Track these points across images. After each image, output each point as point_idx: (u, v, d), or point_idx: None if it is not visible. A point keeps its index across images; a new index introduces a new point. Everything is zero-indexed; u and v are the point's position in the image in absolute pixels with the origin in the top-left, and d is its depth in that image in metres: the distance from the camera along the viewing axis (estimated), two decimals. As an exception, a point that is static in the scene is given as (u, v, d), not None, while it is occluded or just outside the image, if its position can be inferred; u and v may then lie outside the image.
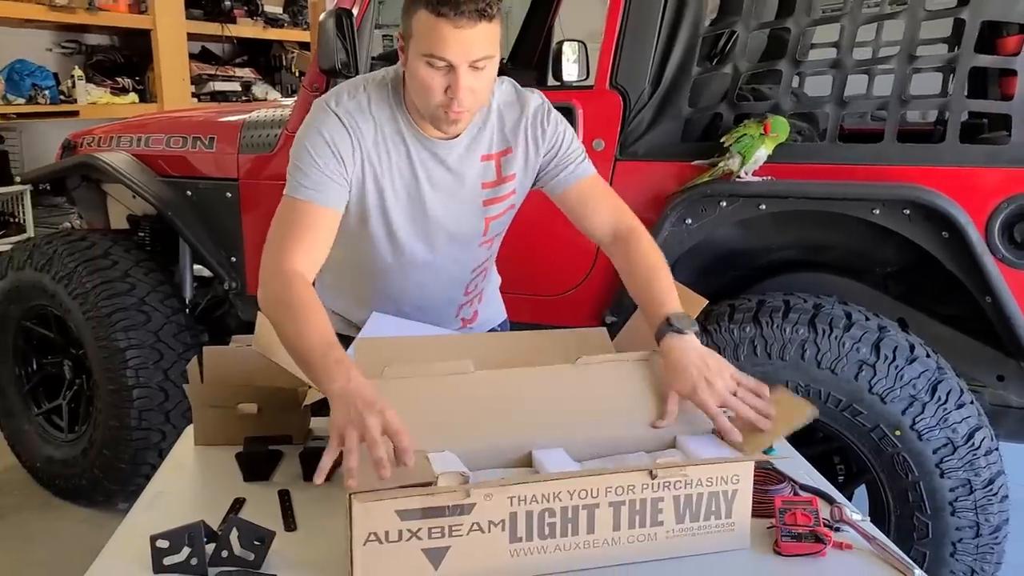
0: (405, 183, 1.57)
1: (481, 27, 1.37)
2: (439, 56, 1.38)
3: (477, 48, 1.39)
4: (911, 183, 2.02)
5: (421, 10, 1.38)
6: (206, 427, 1.65)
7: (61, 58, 5.54)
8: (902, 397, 1.97)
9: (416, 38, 1.41)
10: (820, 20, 2.16)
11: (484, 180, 1.61)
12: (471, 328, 1.90)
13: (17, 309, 3.11)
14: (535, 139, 1.62)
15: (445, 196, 1.60)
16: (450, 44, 1.37)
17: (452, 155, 1.58)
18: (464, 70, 1.39)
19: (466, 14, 1.35)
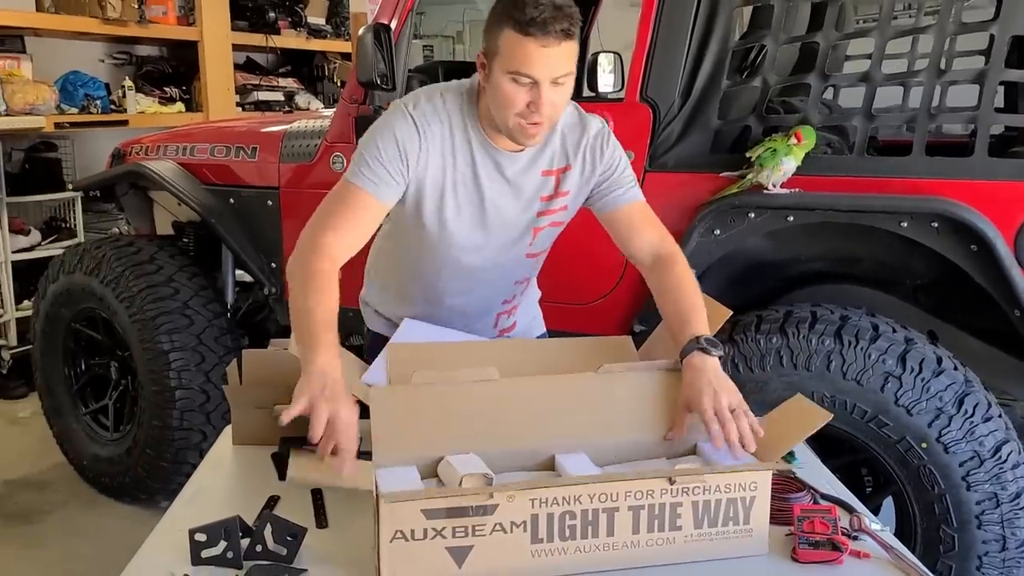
0: (466, 187, 1.64)
1: (564, 46, 1.45)
2: (525, 73, 1.46)
3: (560, 65, 1.46)
4: (939, 196, 2.03)
5: (508, 29, 1.45)
6: (243, 427, 1.71)
7: (112, 69, 5.70)
8: (928, 409, 1.97)
9: (502, 56, 1.47)
10: (849, 34, 2.17)
11: (542, 194, 1.68)
12: (508, 334, 1.93)
13: (68, 311, 3.22)
14: (593, 161, 1.68)
15: (501, 204, 1.67)
16: (536, 62, 1.44)
17: (514, 167, 1.64)
18: (547, 86, 1.47)
19: (552, 34, 1.43)
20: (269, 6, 6.25)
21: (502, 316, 1.89)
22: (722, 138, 2.37)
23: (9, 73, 4.53)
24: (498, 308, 1.86)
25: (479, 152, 1.62)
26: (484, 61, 1.53)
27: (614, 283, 2.46)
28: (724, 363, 2.11)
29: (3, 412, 4.19)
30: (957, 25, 2.13)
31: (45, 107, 4.54)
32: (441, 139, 1.59)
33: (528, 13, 1.42)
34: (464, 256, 1.72)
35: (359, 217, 1.57)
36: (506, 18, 1.45)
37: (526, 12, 1.42)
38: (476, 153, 1.62)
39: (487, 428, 1.43)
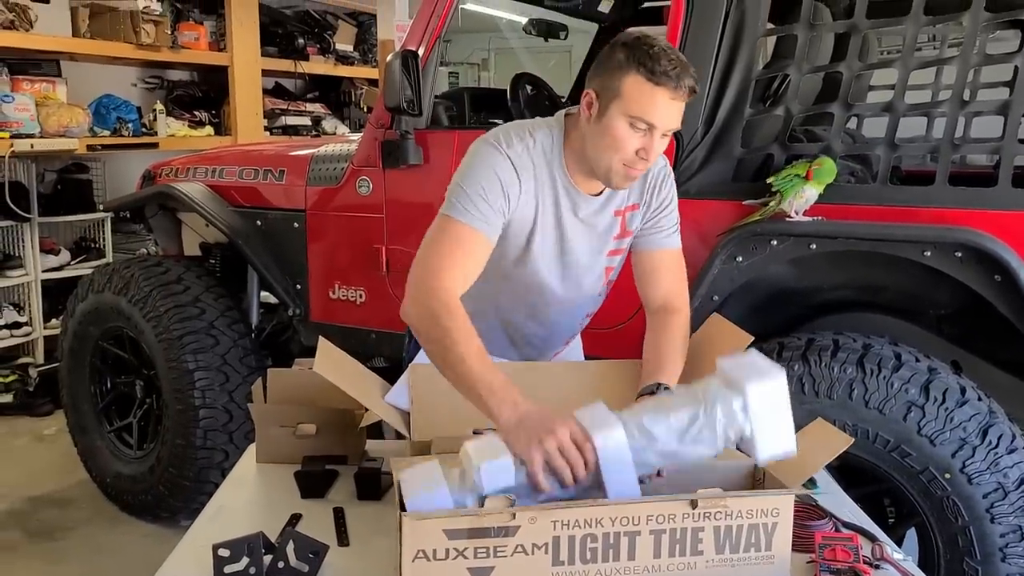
0: (550, 227, 1.66)
1: (683, 102, 1.50)
2: (648, 121, 1.49)
3: (677, 119, 1.51)
4: (963, 226, 2.03)
5: (635, 74, 1.47)
6: (268, 445, 1.73)
7: (144, 92, 5.82)
8: (952, 440, 1.96)
9: (624, 99, 1.49)
10: (872, 65, 2.18)
11: (613, 234, 1.72)
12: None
13: (96, 330, 3.27)
14: (651, 196, 1.73)
15: (577, 244, 1.70)
16: (661, 111, 1.48)
17: (588, 208, 1.67)
18: (659, 137, 1.51)
19: (682, 88, 1.47)
20: (298, 33, 6.38)
21: (562, 346, 1.94)
22: (745, 166, 2.38)
23: (45, 96, 4.64)
24: (565, 337, 1.91)
25: (562, 193, 1.64)
26: (594, 101, 1.54)
27: (634, 310, 2.46)
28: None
29: (29, 429, 4.24)
30: (981, 57, 2.14)
31: (79, 130, 4.64)
32: (535, 182, 1.61)
33: (663, 65, 1.45)
34: (542, 294, 1.75)
35: (471, 256, 1.54)
36: (636, 64, 1.47)
37: (661, 63, 1.46)
38: (560, 194, 1.64)
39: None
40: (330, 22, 6.76)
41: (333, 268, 2.98)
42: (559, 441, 1.26)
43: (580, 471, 1.26)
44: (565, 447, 1.26)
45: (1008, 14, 2.10)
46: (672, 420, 1.28)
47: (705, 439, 1.27)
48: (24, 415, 4.37)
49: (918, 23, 2.10)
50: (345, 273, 2.95)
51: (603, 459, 1.27)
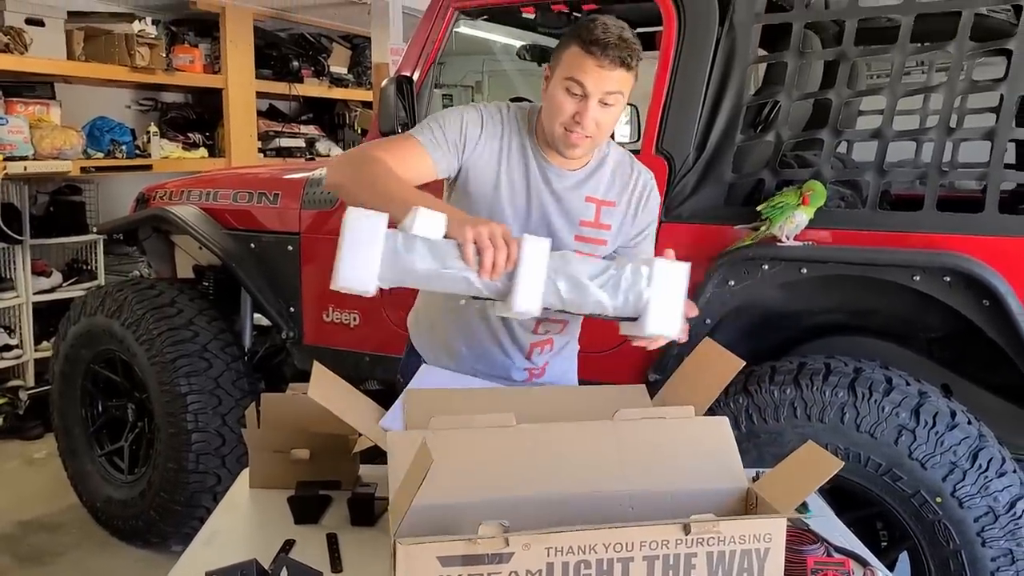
0: (515, 190, 1.74)
1: (619, 72, 1.59)
2: (578, 80, 1.60)
3: (610, 84, 1.60)
4: (951, 251, 2.05)
5: (574, 45, 1.61)
6: (261, 470, 1.73)
7: (138, 114, 5.83)
8: (942, 464, 1.97)
9: (562, 66, 1.63)
10: (861, 92, 2.21)
11: (583, 218, 1.77)
12: (537, 380, 1.94)
13: (88, 353, 3.26)
14: (637, 208, 1.80)
15: (546, 214, 1.76)
16: (590, 76, 1.59)
17: (562, 184, 1.75)
18: (594, 103, 1.61)
19: (611, 58, 1.58)
20: (293, 56, 6.41)
21: (534, 349, 1.91)
22: (736, 191, 2.41)
23: (39, 119, 4.64)
24: (530, 337, 1.88)
25: (532, 163, 1.74)
26: (547, 75, 1.67)
27: (629, 332, 2.47)
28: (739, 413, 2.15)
29: (19, 452, 4.21)
30: (967, 84, 2.17)
31: (72, 152, 4.64)
32: (500, 138, 1.73)
33: (595, 34, 1.58)
34: None
35: (408, 159, 1.65)
36: (575, 37, 1.61)
37: (594, 33, 1.58)
38: (530, 163, 1.74)
39: (503, 474, 1.44)
40: (325, 45, 6.80)
41: (327, 291, 2.95)
42: (492, 231, 1.40)
43: (501, 260, 1.39)
44: (496, 235, 1.39)
45: (993, 43, 2.14)
46: (589, 264, 1.48)
47: (608, 289, 1.45)
48: (14, 438, 4.34)
49: (905, 51, 2.14)
50: (339, 296, 2.91)
51: (523, 260, 1.41)
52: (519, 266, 1.41)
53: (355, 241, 1.37)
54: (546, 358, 1.94)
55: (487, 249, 1.39)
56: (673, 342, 2.31)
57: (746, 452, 1.56)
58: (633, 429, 1.51)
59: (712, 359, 1.75)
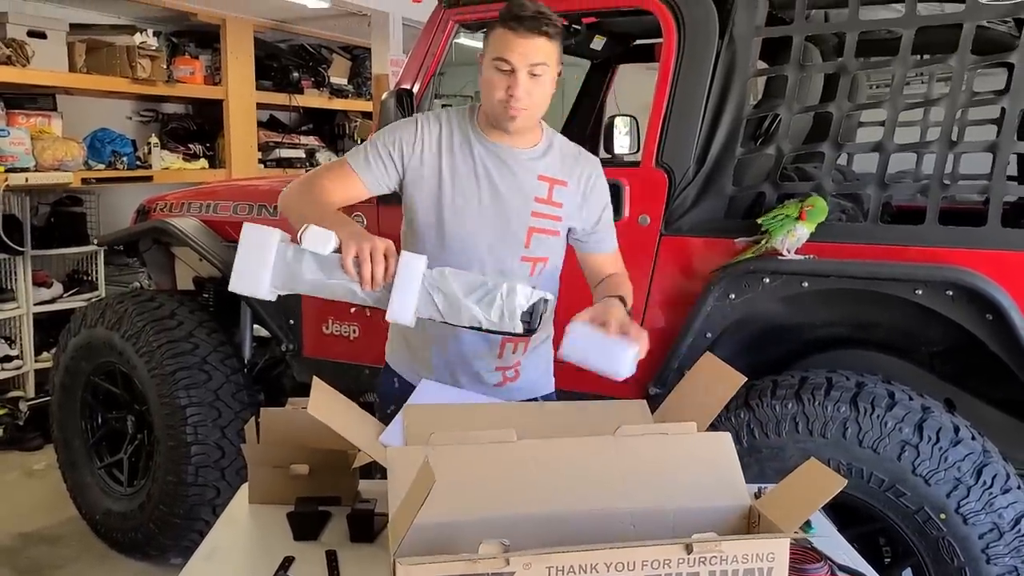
0: (464, 176, 1.85)
1: (539, 41, 1.72)
2: (504, 58, 1.73)
3: (533, 55, 1.73)
4: (954, 265, 2.04)
5: (497, 27, 1.76)
6: (260, 486, 1.72)
7: (139, 126, 5.84)
8: (946, 480, 1.96)
9: (490, 48, 1.77)
10: (862, 105, 2.20)
11: (537, 195, 1.87)
12: (512, 386, 1.96)
13: (87, 365, 3.26)
14: (585, 190, 1.91)
15: (499, 192, 1.85)
16: (513, 50, 1.72)
17: (514, 160, 1.86)
18: (523, 74, 1.73)
19: (529, 28, 1.72)
20: (293, 67, 6.42)
21: (508, 345, 1.92)
22: (737, 204, 2.40)
23: (40, 130, 4.65)
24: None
25: (478, 147, 1.85)
26: (481, 60, 1.80)
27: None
28: (740, 428, 2.14)
29: (19, 464, 4.20)
30: (968, 96, 2.17)
31: (73, 163, 4.64)
32: (440, 135, 1.85)
33: (513, 12, 1.73)
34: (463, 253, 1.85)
35: (339, 181, 1.83)
36: (498, 21, 1.76)
37: (512, 11, 1.73)
38: (475, 148, 1.85)
39: (504, 491, 1.43)
40: (325, 56, 6.81)
41: (327, 303, 2.97)
42: (374, 246, 1.53)
43: (379, 273, 1.53)
44: (376, 251, 1.53)
45: (995, 56, 2.13)
46: (466, 281, 1.59)
47: (482, 306, 1.57)
48: (14, 450, 4.33)
49: (906, 64, 2.14)
50: (339, 308, 2.94)
51: (399, 273, 1.55)
52: (395, 279, 1.55)
53: (248, 250, 1.55)
54: (518, 358, 1.96)
55: (366, 263, 1.52)
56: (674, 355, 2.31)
57: (747, 467, 1.55)
58: (635, 445, 1.50)
59: (713, 374, 1.75)
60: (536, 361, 2.00)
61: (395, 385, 2.01)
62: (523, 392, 1.98)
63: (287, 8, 5.49)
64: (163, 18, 5.61)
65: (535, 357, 2.00)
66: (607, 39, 3.42)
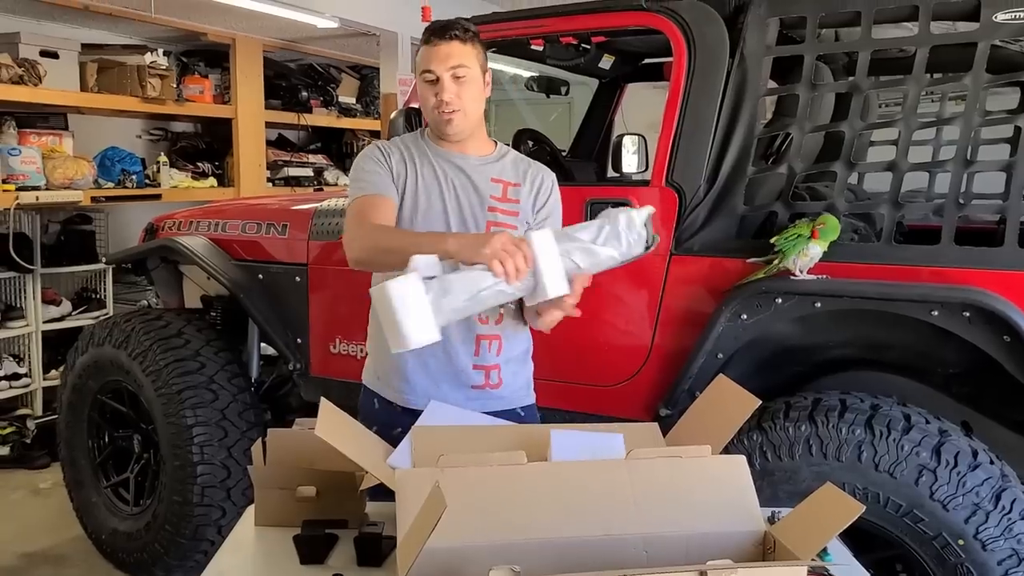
0: (426, 183, 1.94)
1: (454, 45, 1.85)
2: (427, 69, 1.86)
3: (450, 59, 1.85)
4: (970, 285, 2.01)
5: (422, 47, 1.89)
6: (267, 508, 1.70)
7: (148, 144, 5.88)
8: (964, 505, 1.92)
9: (418, 65, 1.90)
10: (874, 124, 2.19)
11: (492, 193, 1.96)
12: (494, 392, 1.97)
13: (95, 383, 3.24)
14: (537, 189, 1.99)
15: (458, 193, 1.94)
16: (432, 59, 1.86)
17: (467, 164, 1.96)
18: (446, 79, 1.85)
19: (439, 36, 1.86)
20: (302, 86, 6.45)
21: (483, 341, 1.93)
22: (748, 223, 2.38)
23: (51, 149, 4.68)
24: (477, 328, 1.93)
25: (435, 157, 1.96)
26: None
27: (639, 365, 2.44)
28: (753, 450, 2.11)
29: (25, 483, 4.19)
30: (982, 115, 2.15)
31: (83, 181, 4.67)
32: (400, 155, 1.96)
33: (432, 29, 1.88)
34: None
35: (375, 207, 1.88)
36: (422, 41, 1.89)
37: (431, 29, 1.88)
38: (432, 158, 1.96)
39: (514, 514, 1.41)
40: (333, 75, 6.85)
41: (334, 322, 2.96)
42: (502, 242, 1.58)
43: (521, 263, 1.56)
44: (507, 243, 1.57)
45: (1010, 75, 2.12)
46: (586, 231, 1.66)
47: (611, 245, 1.64)
48: (21, 468, 4.32)
49: (920, 83, 2.12)
50: (346, 327, 2.93)
51: (537, 253, 1.59)
52: (537, 260, 1.59)
53: (405, 306, 1.54)
54: (496, 360, 1.96)
55: (507, 259, 1.56)
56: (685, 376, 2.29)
57: (760, 490, 1.52)
58: (648, 468, 1.48)
59: (726, 397, 1.72)
60: (516, 369, 2.02)
61: (375, 406, 2.02)
62: (504, 401, 1.98)
63: (296, 28, 5.53)
64: (174, 38, 5.65)
65: (515, 365, 2.01)
66: (616, 58, 3.42)
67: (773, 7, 2.29)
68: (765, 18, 2.29)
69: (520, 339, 2.01)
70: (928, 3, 2.09)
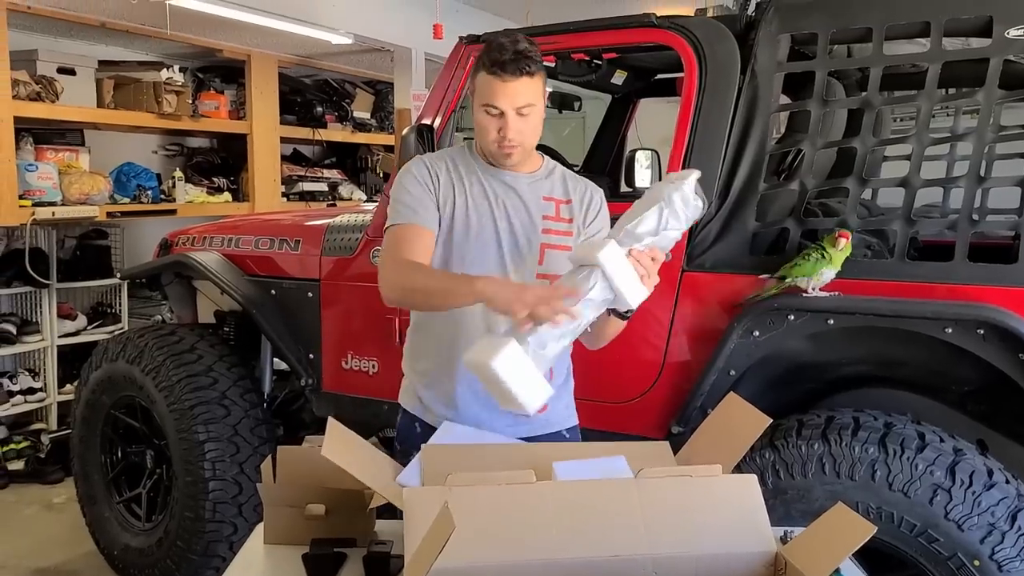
0: (476, 203, 1.88)
1: (523, 81, 1.76)
2: (492, 105, 1.78)
3: (520, 98, 1.77)
4: (984, 303, 1.99)
5: (481, 72, 1.79)
6: (276, 526, 1.70)
7: (164, 159, 5.92)
8: (980, 525, 1.89)
9: (477, 93, 1.82)
10: (886, 140, 2.17)
11: (545, 212, 1.91)
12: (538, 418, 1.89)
13: (108, 398, 3.26)
14: (591, 210, 1.93)
15: (510, 213, 1.89)
16: (500, 96, 1.77)
17: (517, 183, 1.91)
18: (511, 116, 1.78)
19: (512, 72, 1.75)
20: (317, 101, 6.49)
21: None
22: (760, 240, 2.37)
23: (68, 165, 4.72)
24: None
25: (484, 176, 1.90)
26: (471, 97, 1.84)
27: (652, 381, 2.43)
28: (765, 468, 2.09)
29: (39, 497, 4.20)
30: (995, 131, 2.14)
31: (99, 197, 4.71)
32: (447, 172, 1.89)
33: (493, 57, 1.76)
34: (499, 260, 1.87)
35: (415, 244, 1.82)
36: (481, 63, 1.79)
37: (492, 56, 1.76)
38: (482, 176, 1.90)
39: (522, 535, 1.40)
40: (348, 91, 6.88)
41: (346, 338, 2.97)
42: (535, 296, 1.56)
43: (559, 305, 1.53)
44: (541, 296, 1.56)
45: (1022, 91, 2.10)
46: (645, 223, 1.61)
47: (672, 225, 1.62)
48: (35, 483, 4.34)
49: (933, 99, 2.11)
50: (358, 343, 2.93)
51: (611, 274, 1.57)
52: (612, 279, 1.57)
53: (513, 377, 1.54)
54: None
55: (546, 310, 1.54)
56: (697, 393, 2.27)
57: (772, 509, 1.51)
58: (658, 488, 1.47)
59: (737, 415, 1.71)
60: (560, 392, 1.95)
61: (416, 430, 1.96)
62: (549, 424, 1.95)
63: (311, 44, 5.57)
64: (190, 54, 5.70)
65: (559, 388, 1.94)
66: (628, 74, 3.42)
67: (784, 23, 2.28)
68: (776, 34, 2.28)
69: (563, 362, 1.97)
70: (940, 19, 2.08)
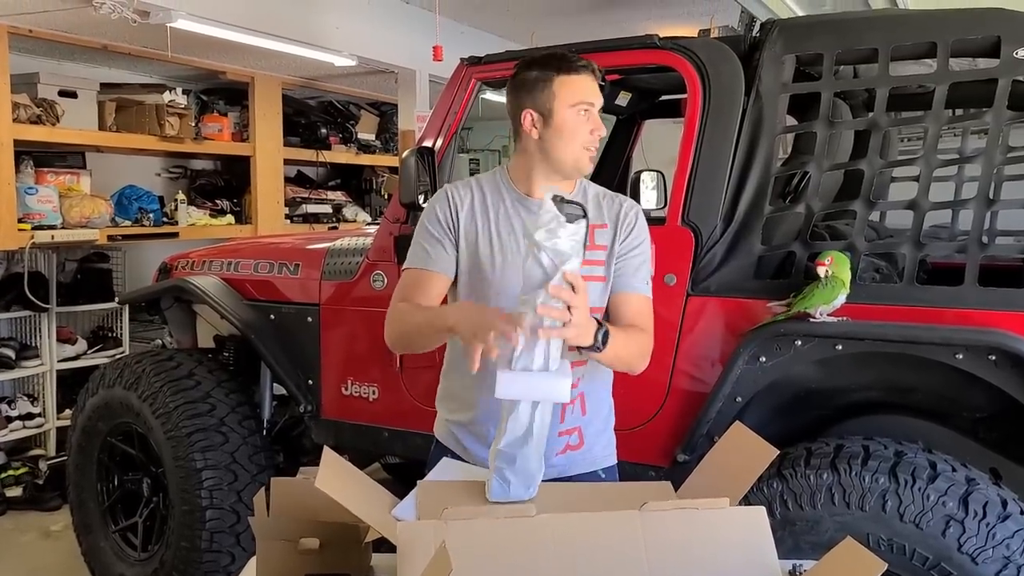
0: (504, 234, 1.81)
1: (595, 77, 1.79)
2: (587, 101, 1.76)
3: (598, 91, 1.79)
4: (995, 328, 1.95)
5: (559, 76, 1.76)
6: (268, 561, 1.64)
7: (167, 182, 5.91)
8: (995, 558, 1.84)
9: (561, 96, 1.76)
10: (893, 162, 2.14)
11: None
12: (575, 455, 1.83)
13: (105, 425, 3.22)
14: (623, 228, 1.83)
15: None
16: (591, 91, 1.77)
17: None
18: (596, 111, 1.78)
19: (588, 68, 1.78)
20: (321, 123, 6.48)
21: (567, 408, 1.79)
22: (766, 263, 2.33)
23: (69, 188, 4.71)
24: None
25: (513, 205, 1.83)
26: (535, 115, 1.77)
27: (656, 409, 2.38)
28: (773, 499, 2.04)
29: (37, 525, 4.15)
30: (1005, 152, 2.10)
31: (100, 220, 4.68)
32: (472, 201, 1.83)
33: (572, 60, 1.78)
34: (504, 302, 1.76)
35: (422, 290, 1.80)
36: (555, 70, 1.76)
37: (570, 60, 1.78)
38: (510, 206, 1.82)
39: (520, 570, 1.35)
40: (352, 112, 6.88)
41: (346, 364, 2.93)
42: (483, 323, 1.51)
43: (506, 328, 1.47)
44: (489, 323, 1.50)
45: (1031, 112, 2.07)
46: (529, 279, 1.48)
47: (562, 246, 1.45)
48: (32, 510, 4.29)
49: (940, 120, 2.07)
50: (358, 369, 2.89)
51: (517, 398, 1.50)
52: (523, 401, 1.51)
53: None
54: (578, 422, 1.83)
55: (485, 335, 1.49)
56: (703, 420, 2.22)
57: (781, 540, 1.46)
58: (661, 521, 1.42)
59: (743, 446, 1.66)
60: (600, 428, 1.89)
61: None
62: (585, 463, 1.86)
63: (315, 66, 5.57)
64: (193, 76, 5.70)
65: (599, 423, 1.88)
66: (633, 95, 3.40)
67: (789, 44, 2.26)
68: (781, 55, 2.26)
69: (603, 399, 1.91)
70: (946, 40, 2.05)
